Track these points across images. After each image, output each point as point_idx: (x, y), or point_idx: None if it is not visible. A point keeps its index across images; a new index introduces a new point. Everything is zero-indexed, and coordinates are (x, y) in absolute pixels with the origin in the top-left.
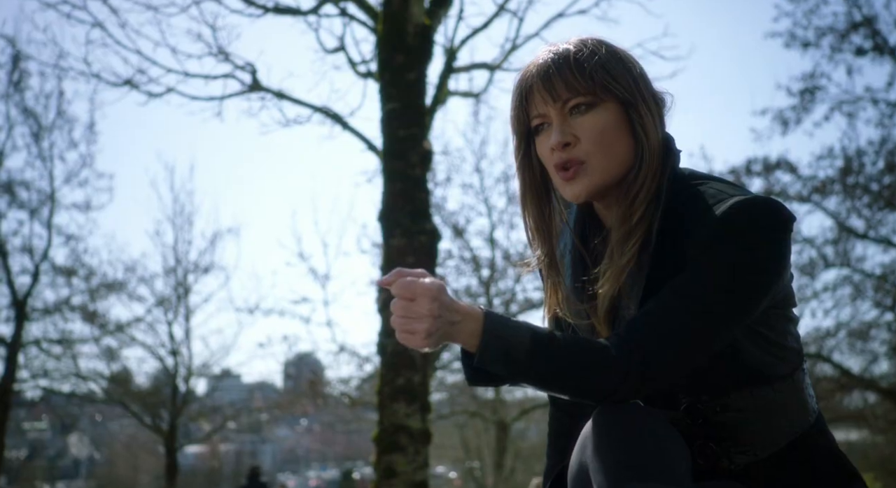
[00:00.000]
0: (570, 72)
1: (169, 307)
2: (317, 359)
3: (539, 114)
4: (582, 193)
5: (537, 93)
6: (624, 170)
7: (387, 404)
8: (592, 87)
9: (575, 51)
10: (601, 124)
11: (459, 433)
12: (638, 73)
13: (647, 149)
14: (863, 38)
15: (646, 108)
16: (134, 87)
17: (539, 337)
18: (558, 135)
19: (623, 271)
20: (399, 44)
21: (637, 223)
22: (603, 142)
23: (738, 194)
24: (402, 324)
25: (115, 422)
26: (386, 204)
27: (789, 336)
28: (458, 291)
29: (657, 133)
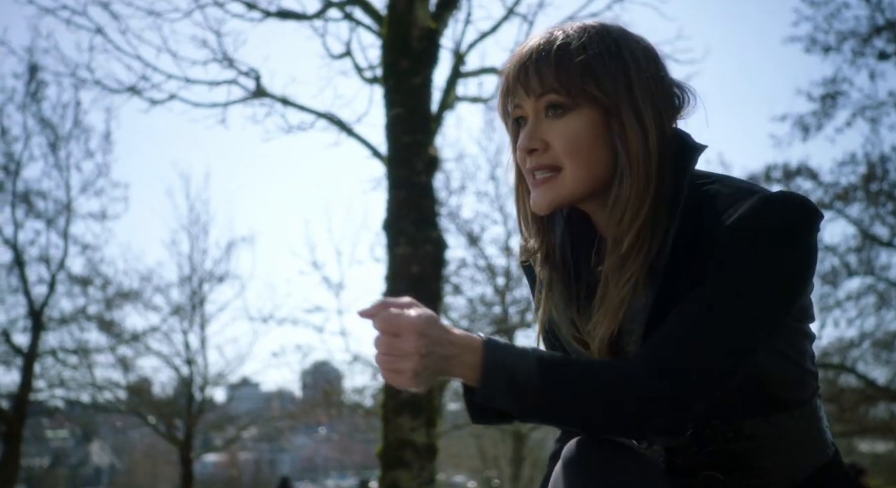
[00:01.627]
0: (547, 65)
1: (184, 316)
2: (334, 367)
3: (517, 104)
4: (545, 205)
5: (515, 81)
6: (601, 183)
7: (391, 418)
8: (568, 88)
9: (563, 41)
10: (576, 131)
11: (476, 443)
12: (635, 74)
13: (627, 162)
14: (885, 42)
15: (631, 114)
16: (137, 93)
17: (547, 362)
18: (524, 140)
19: (620, 308)
20: (404, 48)
21: (629, 250)
22: (576, 152)
23: (757, 190)
24: (386, 362)
25: (135, 431)
26: (390, 212)
27: (806, 355)
28: (473, 300)
29: (647, 142)
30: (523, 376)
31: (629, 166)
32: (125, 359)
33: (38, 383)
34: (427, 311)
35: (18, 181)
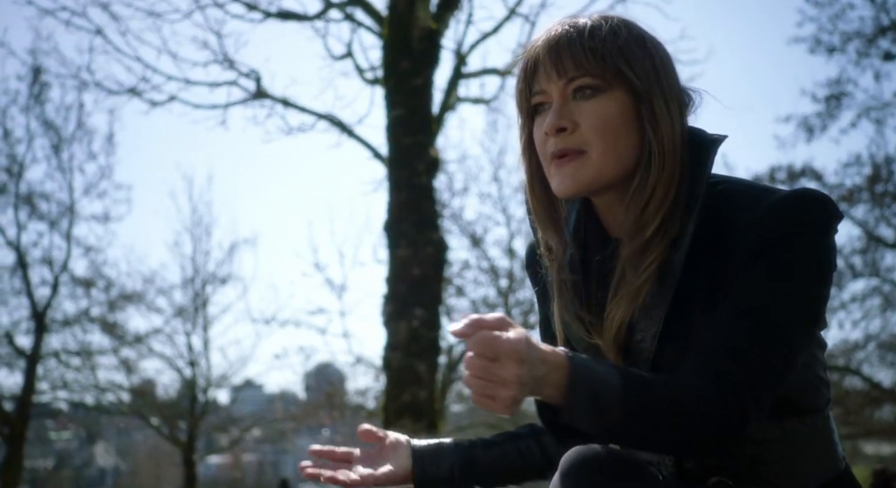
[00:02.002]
0: (581, 48)
1: (187, 318)
2: (338, 369)
3: (541, 89)
4: (572, 187)
5: (542, 66)
6: (625, 170)
7: (392, 422)
8: (603, 70)
9: (593, 26)
10: (607, 112)
11: None
12: (660, 63)
13: (658, 148)
14: (891, 43)
15: (661, 101)
16: (137, 95)
17: (629, 376)
18: (554, 118)
19: (639, 294)
20: (405, 49)
21: (652, 236)
22: (606, 132)
23: (773, 189)
24: (480, 387)
25: (139, 432)
26: (391, 213)
27: (818, 362)
28: (476, 302)
29: (673, 131)
30: (606, 391)
31: (659, 151)
32: (128, 361)
33: (41, 385)
34: (523, 332)
35: (21, 183)
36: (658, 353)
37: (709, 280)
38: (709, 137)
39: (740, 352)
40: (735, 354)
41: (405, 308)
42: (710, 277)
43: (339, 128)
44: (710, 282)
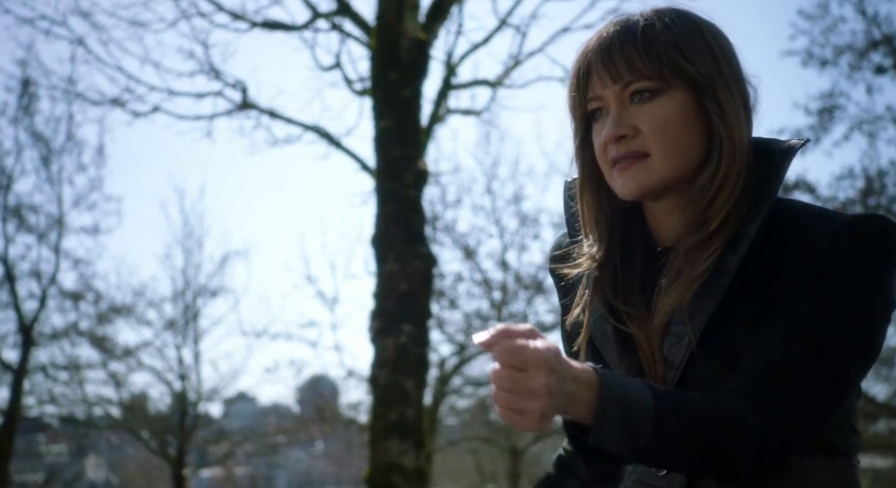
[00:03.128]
0: (635, 50)
1: (178, 331)
2: (331, 381)
3: (596, 96)
4: (635, 189)
5: (596, 71)
6: (690, 169)
7: (378, 441)
8: (660, 70)
9: (645, 25)
10: (667, 114)
11: (473, 458)
12: (720, 53)
13: (728, 142)
14: (882, 57)
15: (728, 94)
16: (120, 105)
17: (663, 396)
18: (612, 127)
19: (693, 284)
20: (393, 59)
21: (715, 231)
22: (668, 134)
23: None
24: (508, 400)
25: (131, 446)
26: (378, 227)
27: (853, 408)
28: (469, 315)
29: (742, 124)
30: (638, 411)
31: (729, 144)
32: (116, 374)
33: (28, 400)
34: (553, 343)
35: (10, 195)
36: (690, 360)
37: (759, 292)
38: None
39: (789, 376)
40: (783, 378)
41: (393, 324)
42: (760, 289)
43: (327, 140)
44: (760, 294)
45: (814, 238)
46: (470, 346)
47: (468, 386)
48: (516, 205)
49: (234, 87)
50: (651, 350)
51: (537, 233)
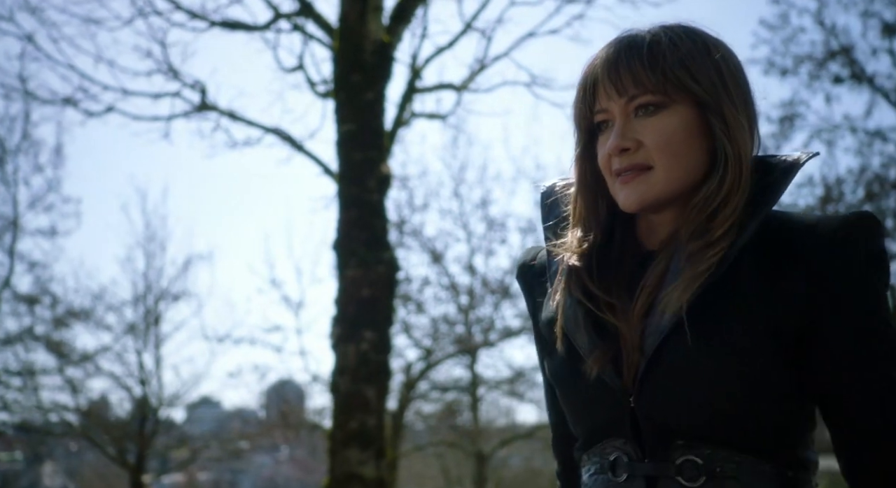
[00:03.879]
0: (640, 65)
1: (138, 335)
2: (298, 385)
3: (602, 108)
4: (637, 201)
5: (601, 85)
6: (691, 183)
7: (338, 450)
8: (664, 86)
9: (651, 41)
10: (670, 128)
11: (439, 462)
12: (727, 70)
13: (734, 157)
14: (840, 67)
15: (733, 110)
16: (72, 105)
17: None
18: (617, 139)
19: (698, 280)
20: (356, 62)
21: (720, 237)
22: (671, 148)
23: (825, 216)
24: None
25: (90, 453)
26: (341, 232)
27: None
28: (436, 319)
29: (747, 140)
30: None
31: (735, 160)
32: (73, 380)
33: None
34: None
35: None
36: (662, 346)
37: (753, 288)
38: (788, 158)
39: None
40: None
41: (354, 330)
42: (755, 286)
43: (289, 143)
44: (754, 290)
45: (820, 241)
46: (436, 351)
47: (434, 392)
48: (483, 210)
49: (193, 88)
50: (632, 340)
51: (504, 238)
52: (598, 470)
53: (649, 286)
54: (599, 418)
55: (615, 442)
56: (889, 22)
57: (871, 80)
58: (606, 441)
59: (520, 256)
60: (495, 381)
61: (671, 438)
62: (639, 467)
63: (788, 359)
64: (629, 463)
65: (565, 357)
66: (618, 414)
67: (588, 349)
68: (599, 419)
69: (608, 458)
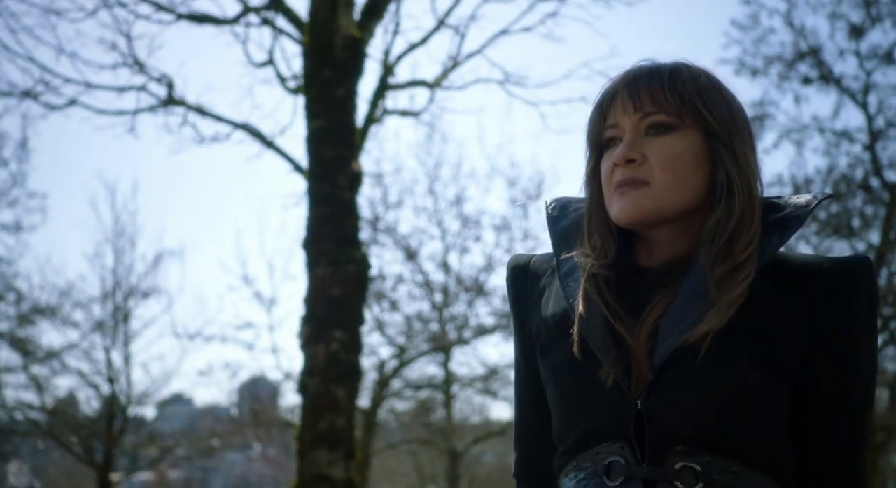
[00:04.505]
0: (660, 86)
1: (107, 332)
2: (272, 383)
3: (615, 123)
4: (631, 214)
5: (619, 99)
6: (688, 206)
7: (307, 451)
8: (679, 109)
9: (672, 69)
10: (678, 150)
11: (413, 460)
12: (737, 111)
13: (742, 185)
14: (809, 68)
15: (741, 143)
16: (32, 97)
17: None
18: (625, 149)
19: (735, 304)
20: (326, 57)
21: (744, 263)
22: (674, 168)
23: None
24: None
25: (57, 452)
26: (310, 230)
27: None
28: (410, 317)
29: (755, 173)
30: None
31: (743, 188)
32: (38, 378)
33: None
34: None
35: None
36: (663, 367)
37: (760, 317)
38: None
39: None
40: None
41: (324, 330)
42: (762, 315)
43: (258, 139)
44: (761, 318)
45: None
46: (410, 349)
47: (408, 389)
48: (458, 207)
49: (160, 82)
50: (642, 351)
51: (479, 236)
52: (588, 474)
53: (661, 303)
54: (602, 419)
55: (612, 446)
56: (856, 24)
57: (839, 81)
58: (602, 445)
59: (511, 260)
60: (469, 379)
61: (672, 444)
62: (637, 470)
63: (788, 383)
64: (626, 467)
65: (572, 358)
66: (623, 415)
67: (606, 353)
68: (602, 420)
69: (603, 462)
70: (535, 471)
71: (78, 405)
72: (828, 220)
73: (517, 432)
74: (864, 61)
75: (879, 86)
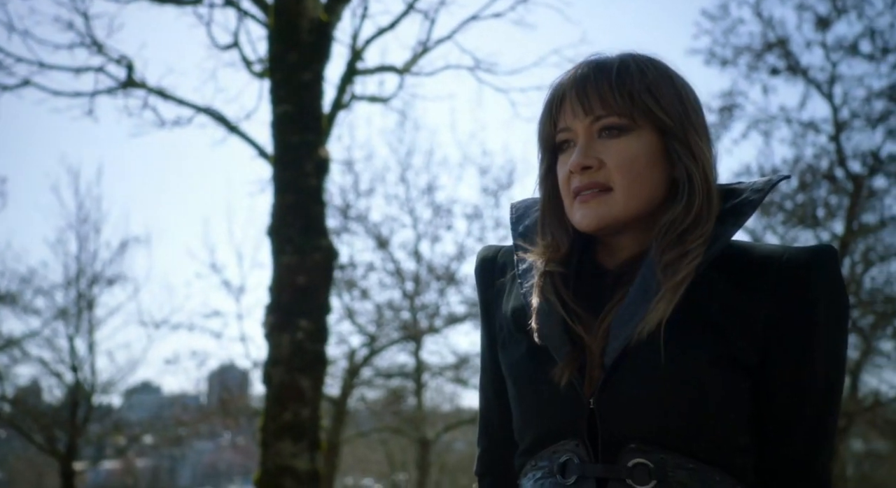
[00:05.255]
0: (608, 87)
1: (70, 320)
2: (243, 371)
3: (566, 127)
4: (594, 222)
5: (568, 103)
6: (649, 207)
7: (271, 443)
8: (630, 109)
9: (620, 64)
10: (634, 151)
11: (383, 448)
12: (688, 100)
13: (701, 181)
14: (777, 58)
15: (696, 138)
16: None
17: None
18: (579, 157)
19: (679, 288)
20: (292, 40)
21: (694, 248)
22: (633, 171)
23: (789, 247)
24: None
25: (18, 440)
26: (275, 217)
27: None
28: (380, 306)
29: (711, 167)
30: None
31: (703, 184)
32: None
33: None
34: None
35: None
36: (616, 365)
37: (718, 308)
38: (752, 185)
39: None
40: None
41: (289, 319)
42: (720, 306)
43: (223, 124)
44: (719, 310)
45: (785, 269)
46: (380, 337)
47: (378, 378)
48: (430, 196)
49: (119, 63)
50: (597, 349)
51: (450, 224)
52: (545, 473)
53: (619, 302)
54: (557, 418)
55: (567, 444)
56: (822, 15)
57: (805, 72)
58: (558, 443)
59: (480, 251)
60: (440, 367)
61: (625, 441)
62: (589, 468)
63: (748, 378)
64: (580, 465)
65: (530, 355)
66: (576, 414)
67: (562, 352)
68: (556, 419)
69: (558, 461)
70: (496, 468)
71: (41, 394)
72: (794, 210)
73: (481, 425)
74: (829, 53)
75: (844, 77)
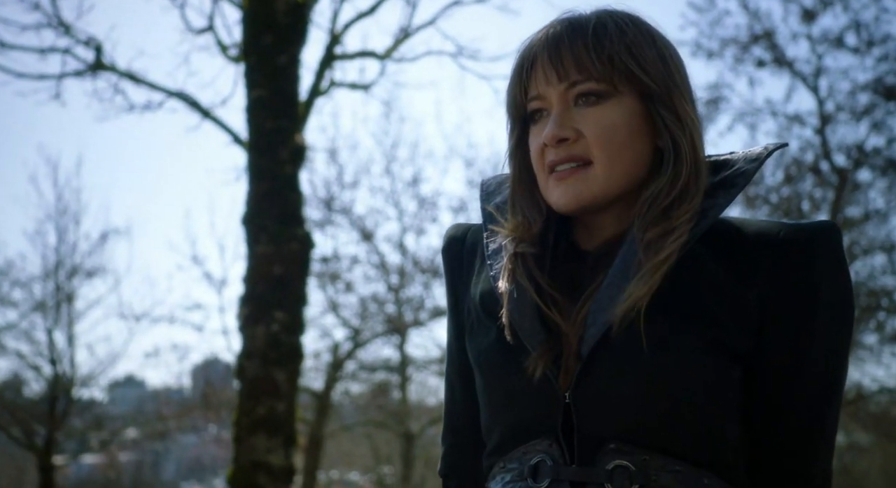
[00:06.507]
0: (585, 49)
1: (48, 313)
2: (227, 364)
3: (538, 95)
4: (573, 202)
5: (541, 68)
6: (633, 182)
7: (244, 438)
8: (610, 73)
9: (596, 23)
10: (614, 120)
11: (368, 442)
12: (672, 60)
13: (689, 149)
14: (763, 50)
15: (682, 102)
16: None
17: None
18: (554, 128)
19: (660, 269)
20: (267, 22)
21: (679, 226)
22: (614, 142)
23: (784, 223)
24: None
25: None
26: (250, 206)
27: None
28: (365, 299)
29: (700, 133)
30: None
31: (691, 152)
32: None
33: None
34: None
35: None
36: (594, 355)
37: (708, 291)
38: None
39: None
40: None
41: (264, 310)
42: (710, 289)
43: (196, 109)
44: (709, 293)
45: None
46: (365, 331)
47: (363, 371)
48: (415, 188)
49: (87, 45)
50: (574, 337)
51: (435, 217)
52: (515, 476)
53: (597, 286)
54: (528, 414)
55: (539, 444)
56: (808, 7)
57: (791, 65)
58: (529, 443)
59: (448, 231)
60: (425, 361)
61: (604, 441)
62: (564, 471)
63: (739, 367)
64: (553, 468)
65: (500, 344)
66: (550, 409)
67: (535, 341)
68: (528, 415)
69: (529, 462)
70: (461, 468)
71: (21, 387)
72: (778, 203)
73: (446, 421)
74: (815, 45)
75: (830, 70)
